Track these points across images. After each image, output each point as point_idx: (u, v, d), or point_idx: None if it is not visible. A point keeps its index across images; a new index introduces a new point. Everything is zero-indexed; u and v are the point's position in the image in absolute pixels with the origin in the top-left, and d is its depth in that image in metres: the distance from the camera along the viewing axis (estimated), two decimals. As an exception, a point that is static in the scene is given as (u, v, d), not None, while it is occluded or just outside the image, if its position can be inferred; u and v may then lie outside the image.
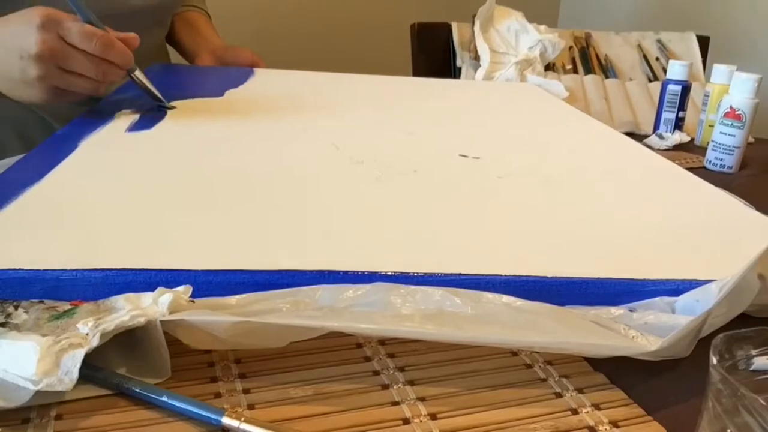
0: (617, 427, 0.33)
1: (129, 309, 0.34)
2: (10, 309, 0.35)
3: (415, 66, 1.23)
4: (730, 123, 0.80)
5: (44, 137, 0.62)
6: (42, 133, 0.78)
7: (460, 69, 1.12)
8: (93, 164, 0.56)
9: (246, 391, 0.34)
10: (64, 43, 0.61)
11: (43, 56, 0.60)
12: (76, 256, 0.39)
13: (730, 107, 0.80)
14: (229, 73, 0.94)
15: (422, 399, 0.34)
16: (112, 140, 0.62)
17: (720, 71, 0.90)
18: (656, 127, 0.95)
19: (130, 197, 0.49)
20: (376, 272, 0.39)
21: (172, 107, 0.74)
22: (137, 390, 0.33)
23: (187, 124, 0.69)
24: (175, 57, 1.08)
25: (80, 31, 0.61)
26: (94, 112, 0.71)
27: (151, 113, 0.71)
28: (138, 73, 0.70)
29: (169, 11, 0.98)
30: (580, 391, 0.35)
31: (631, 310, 0.39)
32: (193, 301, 0.36)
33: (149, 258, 0.39)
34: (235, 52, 1.00)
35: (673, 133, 0.93)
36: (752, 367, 0.31)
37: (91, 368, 0.33)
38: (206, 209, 0.48)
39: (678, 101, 0.92)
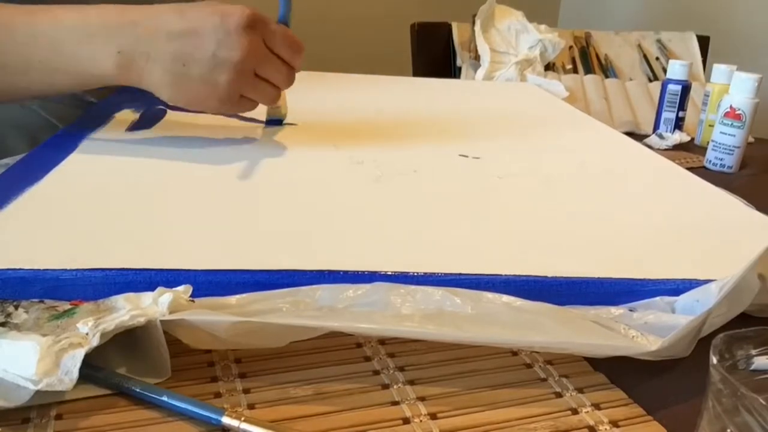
0: (617, 426, 0.33)
1: (129, 309, 0.34)
2: (10, 309, 0.35)
3: (415, 66, 1.23)
4: (730, 123, 0.80)
5: None
6: (48, 136, 0.78)
7: (460, 69, 1.12)
8: (93, 164, 0.56)
9: (246, 391, 0.34)
10: (265, 47, 0.56)
11: (246, 60, 0.54)
12: (76, 256, 0.39)
13: (730, 107, 0.80)
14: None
15: (422, 399, 0.34)
16: (112, 140, 0.62)
17: (720, 71, 0.90)
18: (656, 126, 0.95)
19: (130, 197, 0.49)
20: (376, 272, 0.39)
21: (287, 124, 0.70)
22: (137, 390, 0.33)
23: (187, 124, 0.69)
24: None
25: (284, 35, 0.56)
26: (94, 112, 0.71)
27: (150, 113, 0.71)
28: None
29: None
30: (580, 390, 0.35)
31: (631, 310, 0.39)
32: (193, 301, 0.36)
33: (149, 258, 0.39)
34: None
35: (673, 133, 0.93)
36: (752, 367, 0.31)
37: (91, 368, 0.33)
38: (206, 209, 0.48)
39: (678, 101, 0.92)
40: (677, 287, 0.41)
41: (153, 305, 0.34)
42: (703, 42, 1.22)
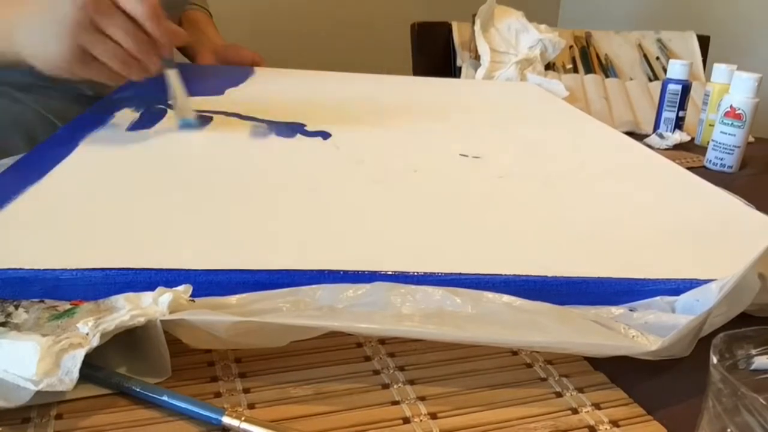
0: (617, 426, 0.33)
1: (129, 309, 0.34)
2: (11, 309, 0.35)
3: (415, 66, 1.23)
4: (730, 122, 0.80)
5: None
6: (47, 135, 0.78)
7: (460, 69, 1.12)
8: (93, 164, 0.56)
9: (246, 391, 0.34)
10: (112, 3, 0.55)
11: (84, 7, 0.53)
12: (76, 256, 0.39)
13: (731, 106, 0.80)
14: (229, 72, 0.94)
15: (422, 398, 0.34)
16: (112, 140, 0.62)
17: (720, 70, 0.90)
18: (656, 126, 0.95)
19: (130, 197, 0.49)
20: (376, 272, 0.39)
21: (206, 119, 0.68)
22: (137, 389, 0.33)
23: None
24: (176, 55, 1.08)
25: None
26: (94, 111, 0.71)
27: (151, 112, 0.71)
28: (172, 73, 0.65)
29: (181, 9, 0.99)
30: (580, 390, 0.35)
31: (631, 310, 0.39)
32: (193, 301, 0.36)
33: (149, 258, 0.39)
34: (237, 51, 1.00)
35: (673, 133, 0.93)
36: (752, 367, 0.31)
37: (92, 368, 0.33)
38: (206, 209, 0.48)
39: (678, 101, 0.92)
40: (677, 287, 0.41)
41: (153, 305, 0.34)
42: (703, 42, 1.22)
